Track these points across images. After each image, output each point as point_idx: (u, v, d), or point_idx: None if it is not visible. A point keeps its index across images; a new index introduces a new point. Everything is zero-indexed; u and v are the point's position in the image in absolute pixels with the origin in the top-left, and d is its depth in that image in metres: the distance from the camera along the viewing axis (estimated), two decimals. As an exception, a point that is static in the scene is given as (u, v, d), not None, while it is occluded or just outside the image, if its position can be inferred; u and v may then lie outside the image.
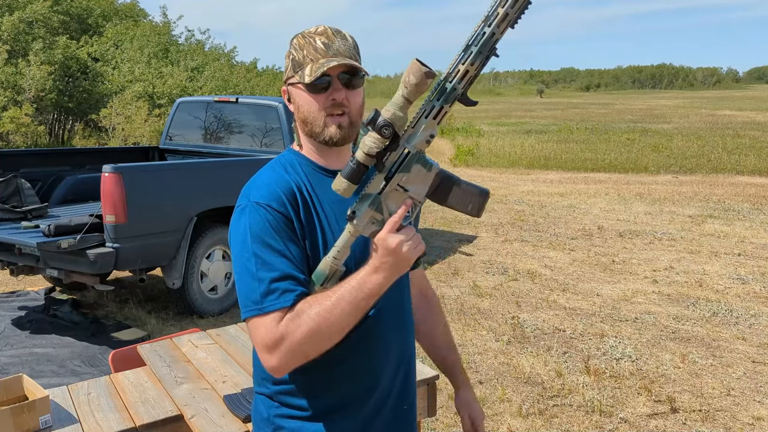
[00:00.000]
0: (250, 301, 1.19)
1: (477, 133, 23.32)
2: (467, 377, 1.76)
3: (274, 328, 1.16)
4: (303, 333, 1.14)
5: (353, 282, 1.16)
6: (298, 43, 1.27)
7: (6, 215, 4.88)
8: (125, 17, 22.11)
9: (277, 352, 1.16)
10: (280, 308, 1.16)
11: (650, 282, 6.10)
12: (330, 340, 1.17)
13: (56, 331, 4.83)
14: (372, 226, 1.18)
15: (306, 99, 1.27)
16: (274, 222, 1.21)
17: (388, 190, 1.16)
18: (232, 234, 1.25)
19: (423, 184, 1.16)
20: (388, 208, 1.17)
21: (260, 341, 1.18)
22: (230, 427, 2.01)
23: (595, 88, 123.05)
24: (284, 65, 1.31)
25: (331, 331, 1.16)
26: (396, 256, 1.14)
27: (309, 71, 1.23)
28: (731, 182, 12.72)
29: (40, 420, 2.02)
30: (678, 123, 28.20)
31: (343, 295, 1.15)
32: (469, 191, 1.18)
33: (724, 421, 3.49)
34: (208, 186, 4.87)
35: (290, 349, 1.15)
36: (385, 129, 1.11)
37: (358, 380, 1.32)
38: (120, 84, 17.43)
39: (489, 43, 1.07)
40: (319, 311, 1.15)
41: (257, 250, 1.19)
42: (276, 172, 1.30)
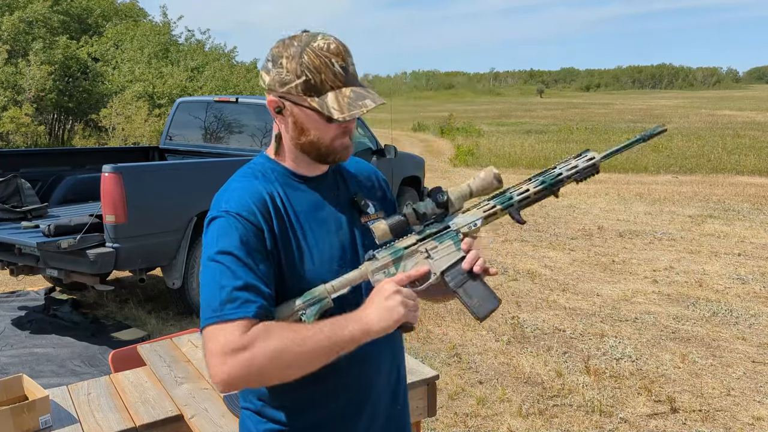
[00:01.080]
0: (209, 309, 1.13)
1: (477, 133, 23.34)
2: None
3: (236, 336, 1.09)
4: (269, 350, 1.08)
5: (337, 321, 1.14)
6: (313, 64, 1.18)
7: (6, 215, 4.87)
8: (125, 17, 22.11)
9: (232, 361, 1.08)
10: (242, 317, 1.10)
11: (650, 282, 6.10)
12: (292, 370, 1.11)
13: (56, 331, 4.83)
14: (380, 275, 1.21)
15: (320, 127, 1.22)
16: (243, 231, 1.17)
17: (414, 249, 1.22)
18: (203, 244, 1.21)
19: (447, 259, 1.22)
20: (404, 266, 1.22)
21: (217, 348, 1.09)
22: (230, 427, 2.01)
23: (595, 88, 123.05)
24: (276, 73, 1.22)
25: (297, 360, 1.10)
26: (386, 305, 1.14)
27: (339, 107, 1.18)
28: (731, 182, 12.72)
29: (40, 420, 2.02)
30: (678, 123, 28.21)
31: (322, 329, 1.12)
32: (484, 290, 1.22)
33: (724, 421, 3.49)
34: (209, 186, 4.82)
35: (249, 363, 1.07)
36: (441, 197, 1.23)
37: (353, 393, 1.29)
38: (120, 84, 17.43)
39: (557, 183, 1.26)
40: (292, 336, 1.10)
41: (222, 259, 1.15)
42: (247, 179, 1.26)
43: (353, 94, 1.20)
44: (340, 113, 1.18)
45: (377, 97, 1.21)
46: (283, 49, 1.21)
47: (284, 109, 1.23)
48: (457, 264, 1.22)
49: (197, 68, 19.11)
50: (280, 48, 1.22)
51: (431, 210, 1.23)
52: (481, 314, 1.21)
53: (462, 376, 4.05)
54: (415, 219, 1.22)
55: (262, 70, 1.26)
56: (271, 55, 1.23)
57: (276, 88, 1.22)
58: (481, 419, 3.51)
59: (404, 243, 1.24)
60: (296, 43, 1.20)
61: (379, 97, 1.22)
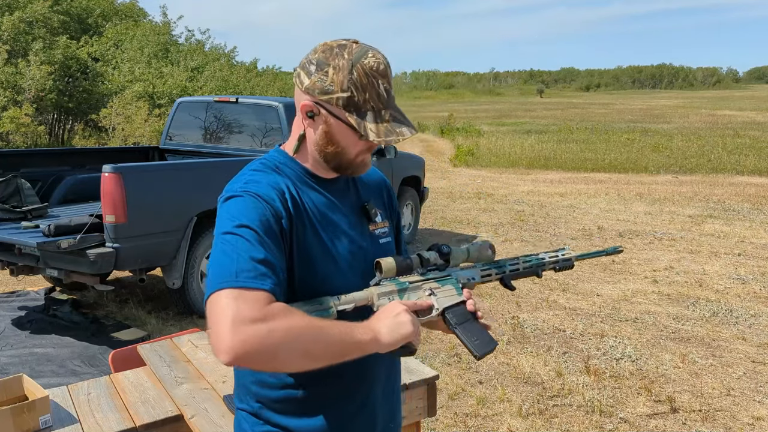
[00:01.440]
0: (222, 275, 1.05)
1: (477, 133, 23.34)
2: None
3: (255, 306, 1.02)
4: (287, 327, 1.02)
5: (349, 323, 1.15)
6: (360, 82, 1.18)
7: (6, 215, 4.87)
8: (125, 17, 22.11)
9: (248, 330, 0.99)
10: (261, 289, 1.04)
11: (650, 282, 6.10)
12: (302, 356, 1.06)
13: (56, 331, 4.83)
14: (384, 300, 1.27)
15: (350, 141, 1.23)
16: (263, 212, 1.15)
17: (417, 285, 1.31)
18: (218, 220, 1.17)
19: (448, 299, 1.32)
20: (408, 297, 1.29)
21: (229, 314, 1.00)
22: (230, 427, 2.01)
23: (595, 88, 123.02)
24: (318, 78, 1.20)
25: (310, 349, 1.06)
26: (396, 319, 1.18)
27: (376, 130, 1.19)
28: (731, 182, 12.72)
29: (40, 420, 2.02)
30: (678, 123, 28.21)
31: (336, 326, 1.12)
32: (482, 332, 1.31)
33: (724, 421, 3.49)
34: (208, 186, 4.84)
35: (266, 336, 1.00)
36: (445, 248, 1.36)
37: (351, 401, 1.29)
38: (120, 84, 17.43)
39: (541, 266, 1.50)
40: (310, 324, 1.07)
41: (241, 232, 1.11)
42: (263, 171, 1.25)
43: (392, 119, 1.22)
44: (377, 136, 1.19)
45: (412, 127, 1.25)
46: (330, 57, 1.19)
47: (317, 115, 1.22)
48: (458, 306, 1.32)
49: (197, 68, 19.10)
50: (327, 55, 1.20)
51: (434, 259, 1.35)
52: (480, 353, 1.29)
53: (462, 376, 4.05)
54: (419, 263, 1.32)
55: (302, 70, 1.22)
56: (317, 59, 1.20)
57: (315, 93, 1.20)
58: (481, 419, 3.51)
59: (409, 278, 1.31)
60: (346, 54, 1.19)
61: (414, 126, 1.25)
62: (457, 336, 1.30)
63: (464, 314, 1.32)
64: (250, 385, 1.29)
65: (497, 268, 1.43)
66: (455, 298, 1.33)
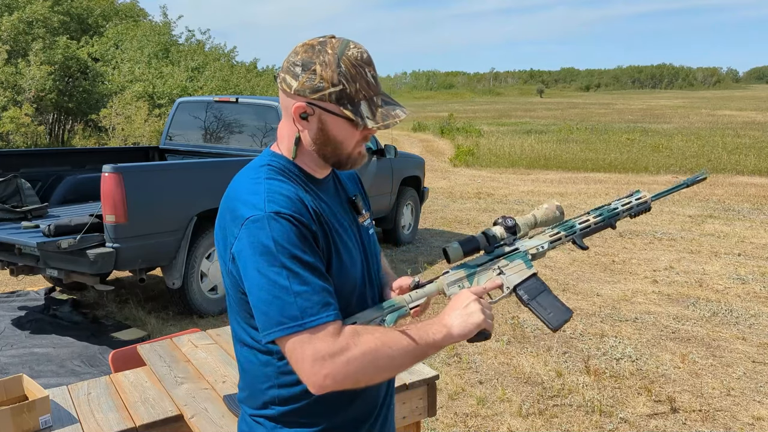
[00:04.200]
0: (286, 318, 1.10)
1: (477, 133, 23.32)
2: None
3: (328, 341, 1.09)
4: (362, 351, 1.10)
5: (420, 325, 1.18)
6: (350, 73, 1.18)
7: (6, 215, 4.87)
8: (125, 17, 22.10)
9: (329, 365, 1.08)
10: (326, 322, 1.10)
11: (650, 282, 6.10)
12: (382, 372, 1.14)
13: (56, 331, 4.82)
14: (455, 287, 1.29)
15: (347, 135, 1.22)
16: (299, 234, 1.13)
17: (486, 267, 1.31)
18: (248, 247, 1.13)
19: (518, 276, 1.31)
20: (478, 280, 1.30)
21: (309, 355, 1.09)
22: (230, 427, 2.01)
23: (595, 88, 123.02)
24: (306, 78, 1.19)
25: (387, 363, 1.13)
26: (465, 310, 1.21)
27: (372, 116, 1.20)
28: (731, 182, 12.72)
29: (40, 420, 2.02)
30: (678, 123, 28.21)
31: (407, 332, 1.16)
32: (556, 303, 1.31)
33: (724, 421, 3.49)
34: (208, 186, 4.86)
35: (346, 367, 1.09)
36: (509, 221, 1.34)
37: (358, 402, 1.30)
38: (120, 84, 17.42)
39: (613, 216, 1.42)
40: (381, 338, 1.13)
41: (287, 263, 1.10)
42: (277, 181, 1.21)
43: (385, 104, 1.23)
44: (374, 123, 1.20)
45: (404, 108, 1.25)
46: (314, 55, 1.19)
47: (311, 115, 1.21)
48: (529, 279, 1.31)
49: (197, 68, 19.10)
50: (310, 54, 1.19)
51: (500, 234, 1.33)
52: (555, 324, 1.29)
53: (462, 376, 4.05)
54: (486, 242, 1.32)
55: (287, 74, 1.21)
56: (301, 60, 1.19)
57: (306, 94, 1.19)
58: (481, 419, 3.51)
59: (477, 260, 1.32)
60: (329, 50, 1.19)
61: (405, 108, 1.26)
62: (531, 311, 1.31)
63: (536, 287, 1.31)
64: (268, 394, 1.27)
65: (566, 230, 1.39)
66: (525, 272, 1.32)
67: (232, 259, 1.17)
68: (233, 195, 1.22)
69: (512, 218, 1.35)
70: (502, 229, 1.34)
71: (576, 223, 1.41)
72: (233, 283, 1.21)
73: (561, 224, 1.40)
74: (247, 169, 1.28)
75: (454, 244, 1.28)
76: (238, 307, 1.24)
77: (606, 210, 1.43)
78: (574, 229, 1.39)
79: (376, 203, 7.20)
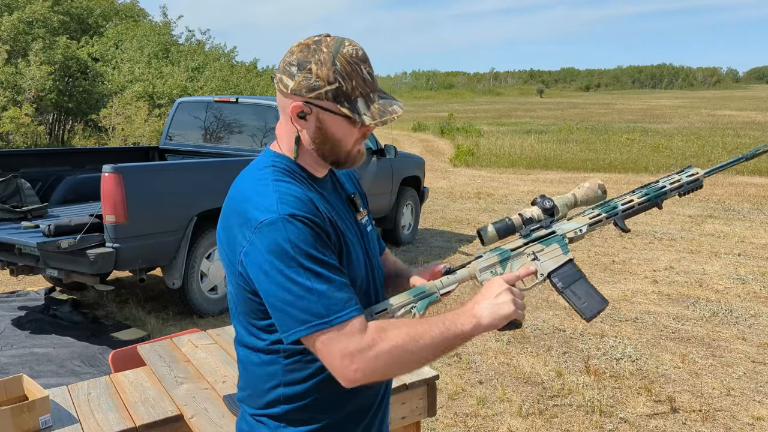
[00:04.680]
0: (312, 316, 1.11)
1: (477, 133, 23.32)
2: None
3: (355, 338, 1.11)
4: (391, 346, 1.12)
5: (448, 316, 1.18)
6: (345, 71, 1.18)
7: (6, 215, 4.87)
8: (125, 17, 22.09)
9: (359, 361, 1.11)
10: (352, 317, 1.11)
11: (650, 282, 6.11)
12: (411, 365, 1.16)
13: (56, 331, 4.82)
14: (487, 274, 1.26)
15: (346, 132, 1.22)
16: (314, 234, 1.14)
17: (520, 251, 1.27)
18: (264, 250, 1.12)
19: (553, 261, 1.27)
20: (511, 266, 1.26)
21: (340, 351, 1.11)
22: (230, 427, 2.01)
23: (595, 88, 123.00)
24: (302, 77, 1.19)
25: (414, 357, 1.14)
26: (496, 301, 1.19)
27: (370, 113, 1.19)
28: (731, 182, 12.73)
29: (40, 420, 2.02)
30: (678, 123, 28.21)
31: (435, 325, 1.16)
32: (591, 292, 1.26)
33: (724, 421, 3.49)
34: (208, 186, 4.86)
35: (374, 361, 1.11)
36: (547, 203, 1.29)
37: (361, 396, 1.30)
38: (120, 84, 17.42)
39: (660, 195, 1.36)
40: (408, 332, 1.14)
41: (306, 263, 1.11)
42: (285, 182, 1.21)
43: (381, 100, 1.22)
44: (372, 119, 1.20)
45: (400, 103, 1.25)
46: (309, 54, 1.19)
47: (309, 114, 1.21)
48: (565, 266, 1.26)
49: (197, 68, 19.09)
50: (306, 53, 1.19)
51: (537, 215, 1.28)
52: (588, 314, 1.25)
53: (462, 376, 4.05)
54: (521, 223, 1.28)
55: (283, 74, 1.22)
56: (297, 59, 1.20)
57: (303, 93, 1.19)
58: (481, 419, 3.51)
59: (512, 245, 1.28)
60: (324, 48, 1.19)
61: (402, 104, 1.25)
62: (565, 299, 1.27)
63: (572, 275, 1.27)
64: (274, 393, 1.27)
65: (608, 211, 1.31)
66: (561, 258, 1.27)
67: (242, 262, 1.17)
68: (240, 197, 1.22)
69: (551, 199, 1.29)
70: (540, 211, 1.28)
71: (619, 203, 1.33)
72: (240, 286, 1.21)
73: (602, 205, 1.32)
74: (251, 169, 1.27)
75: (489, 227, 1.26)
76: (244, 308, 1.24)
77: (652, 189, 1.34)
78: (616, 210, 1.32)
79: (376, 203, 7.20)
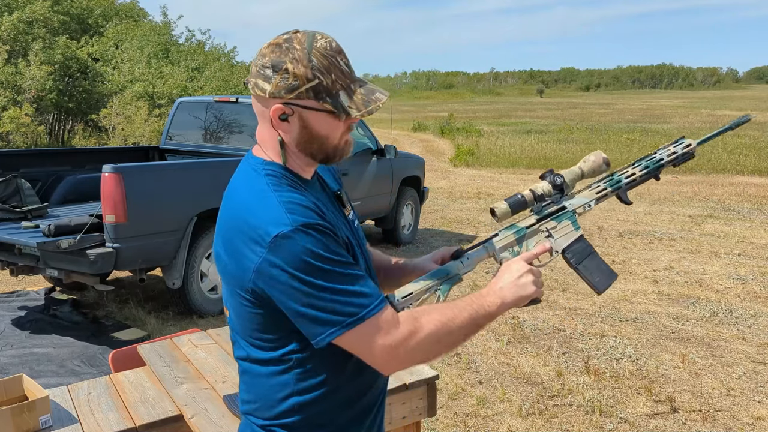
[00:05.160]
0: (343, 316, 1.11)
1: (477, 133, 23.31)
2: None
3: (394, 329, 1.13)
4: (426, 334, 1.15)
5: (473, 298, 1.21)
6: (322, 65, 1.15)
7: (6, 215, 4.87)
8: (125, 17, 22.09)
9: (400, 353, 1.14)
10: (382, 310, 1.13)
11: (650, 282, 6.11)
12: (445, 349, 1.19)
13: (56, 331, 4.83)
14: (506, 253, 1.29)
15: (331, 127, 1.19)
16: (330, 238, 1.13)
17: (535, 228, 1.30)
18: (284, 263, 1.09)
19: (565, 238, 1.31)
20: (527, 244, 1.30)
21: (381, 345, 1.13)
22: (230, 427, 2.01)
23: (595, 88, 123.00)
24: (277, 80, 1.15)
25: (448, 340, 1.17)
26: (518, 282, 1.23)
27: (354, 105, 1.17)
28: (731, 182, 12.73)
29: (40, 420, 2.02)
30: (678, 123, 28.20)
31: (464, 308, 1.19)
32: (602, 266, 1.31)
33: (724, 421, 3.49)
34: (208, 186, 4.86)
35: (413, 351, 1.15)
36: (557, 179, 1.32)
37: (368, 394, 1.31)
38: (120, 84, 17.42)
39: (658, 167, 1.38)
40: (440, 318, 1.17)
41: (328, 267, 1.11)
42: (285, 191, 1.18)
43: (363, 90, 1.20)
44: (357, 110, 1.18)
45: (383, 90, 1.23)
46: (282, 53, 1.15)
47: (291, 115, 1.18)
48: (577, 242, 1.31)
49: (197, 68, 19.08)
50: (278, 53, 1.15)
51: (548, 191, 1.31)
52: (601, 288, 1.30)
53: (462, 376, 4.05)
54: (533, 199, 1.30)
55: (257, 78, 1.17)
56: (270, 61, 1.15)
57: (282, 94, 1.16)
58: (481, 419, 3.51)
59: (526, 222, 1.31)
60: (297, 45, 1.15)
61: (384, 91, 1.23)
62: (579, 274, 1.31)
63: (584, 250, 1.32)
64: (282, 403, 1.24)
65: (612, 185, 1.36)
66: (573, 234, 1.32)
67: (254, 279, 1.13)
68: (240, 211, 1.18)
69: (560, 175, 1.32)
70: (550, 186, 1.31)
71: (622, 177, 1.37)
72: (246, 301, 1.17)
73: (605, 179, 1.36)
74: (244, 180, 1.24)
75: (502, 203, 1.28)
76: (250, 324, 1.20)
77: (651, 162, 1.38)
78: (620, 184, 1.36)
79: (376, 203, 7.21)
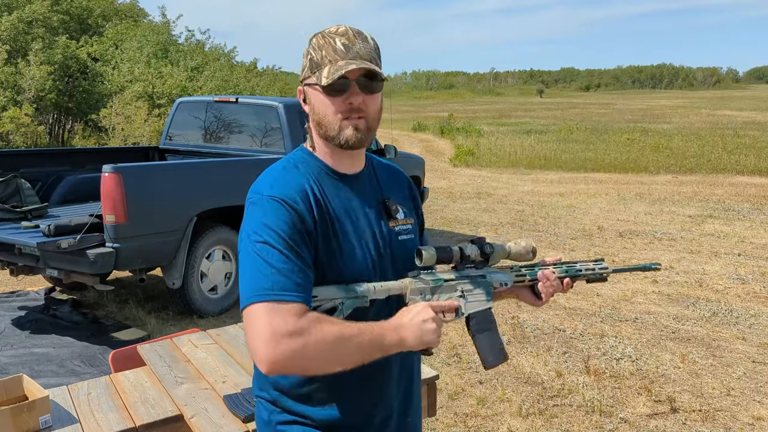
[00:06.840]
0: (258, 287, 1.12)
1: (477, 133, 23.31)
2: None
3: (291, 320, 1.10)
4: (320, 339, 1.11)
5: (375, 328, 1.19)
6: (317, 43, 1.24)
7: (6, 215, 4.87)
8: (125, 17, 22.09)
9: (286, 344, 1.08)
10: (295, 302, 1.12)
11: (650, 282, 6.10)
12: (333, 364, 1.15)
13: (56, 331, 4.83)
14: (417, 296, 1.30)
15: (322, 101, 1.24)
16: (288, 218, 1.18)
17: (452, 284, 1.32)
18: (242, 227, 1.22)
19: (475, 305, 1.35)
20: (439, 296, 1.31)
21: (268, 328, 1.09)
22: (230, 427, 2.01)
23: (595, 88, 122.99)
24: (302, 64, 1.29)
25: (340, 356, 1.15)
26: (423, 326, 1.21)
27: (327, 73, 1.21)
28: (731, 182, 12.72)
29: (40, 420, 2.02)
30: (678, 123, 28.20)
31: (364, 332, 1.17)
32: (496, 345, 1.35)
33: (724, 421, 3.49)
34: (208, 186, 4.87)
35: (302, 349, 1.09)
36: (488, 248, 1.36)
37: (364, 392, 1.30)
38: (120, 84, 17.41)
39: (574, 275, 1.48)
40: (340, 333, 1.14)
41: (270, 239, 1.15)
42: (287, 170, 1.28)
43: (346, 63, 1.21)
44: (326, 78, 1.21)
45: (368, 64, 1.22)
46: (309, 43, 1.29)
47: (303, 96, 1.30)
48: (484, 312, 1.35)
49: (197, 68, 19.08)
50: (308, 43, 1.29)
51: (474, 256, 1.35)
52: (489, 365, 1.35)
53: (462, 376, 4.05)
54: (459, 258, 1.33)
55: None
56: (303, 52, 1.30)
57: (301, 77, 1.30)
58: (481, 419, 3.51)
59: (446, 276, 1.33)
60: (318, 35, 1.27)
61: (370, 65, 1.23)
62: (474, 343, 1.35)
63: (487, 322, 1.35)
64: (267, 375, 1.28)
65: (532, 275, 1.44)
66: (483, 303, 1.35)
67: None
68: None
69: (491, 245, 1.37)
70: (478, 252, 1.35)
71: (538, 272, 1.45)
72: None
73: (528, 266, 1.44)
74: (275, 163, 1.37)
75: (431, 250, 1.29)
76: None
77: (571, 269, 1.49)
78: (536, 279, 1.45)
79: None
